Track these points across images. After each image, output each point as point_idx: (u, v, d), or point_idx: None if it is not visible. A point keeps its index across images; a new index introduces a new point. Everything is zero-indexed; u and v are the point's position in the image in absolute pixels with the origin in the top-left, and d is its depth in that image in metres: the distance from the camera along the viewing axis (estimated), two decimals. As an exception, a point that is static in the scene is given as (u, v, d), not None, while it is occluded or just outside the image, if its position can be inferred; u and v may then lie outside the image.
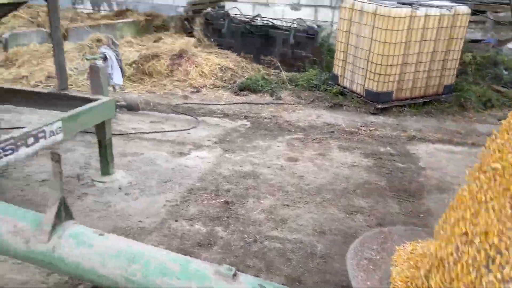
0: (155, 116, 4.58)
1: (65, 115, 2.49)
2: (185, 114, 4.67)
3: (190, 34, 8.45)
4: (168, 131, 4.15)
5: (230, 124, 4.48)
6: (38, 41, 6.35)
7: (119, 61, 3.03)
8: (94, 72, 2.85)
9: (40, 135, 2.32)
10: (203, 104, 5.03)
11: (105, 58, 2.92)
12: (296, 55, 6.35)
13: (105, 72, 2.93)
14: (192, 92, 5.40)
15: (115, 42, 3.00)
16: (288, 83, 5.74)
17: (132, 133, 4.03)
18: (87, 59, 3.52)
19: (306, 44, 6.30)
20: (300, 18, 6.61)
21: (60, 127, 2.44)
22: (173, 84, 5.52)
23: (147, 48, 6.74)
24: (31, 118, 4.02)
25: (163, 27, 9.10)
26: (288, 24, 6.53)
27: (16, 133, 2.17)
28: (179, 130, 4.19)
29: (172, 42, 7.62)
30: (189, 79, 5.63)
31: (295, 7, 6.98)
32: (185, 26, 8.88)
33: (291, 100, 5.32)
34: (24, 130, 2.21)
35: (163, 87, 5.43)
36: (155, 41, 7.98)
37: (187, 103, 5.02)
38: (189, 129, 4.24)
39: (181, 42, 7.51)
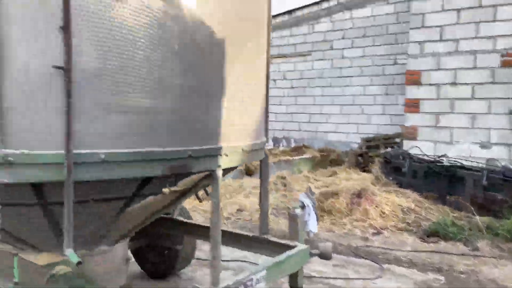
0: (336, 258, 4.46)
1: (270, 263, 2.60)
2: (367, 259, 4.43)
3: (363, 169, 8.57)
4: (352, 279, 3.95)
5: (420, 277, 4.02)
6: (232, 176, 7.30)
7: (315, 209, 3.18)
8: (293, 220, 3.01)
9: (248, 283, 2.44)
10: (386, 248, 4.73)
11: (303, 206, 3.10)
12: (489, 197, 5.66)
13: (303, 220, 3.06)
14: (373, 233, 5.19)
15: (312, 191, 3.20)
16: (485, 230, 5.03)
17: (316, 277, 3.96)
18: (289, 208, 3.83)
19: (501, 186, 5.61)
20: (492, 158, 6.04)
21: (264, 276, 2.54)
22: (352, 224, 5.43)
23: (326, 184, 7.00)
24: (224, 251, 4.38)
25: (336, 162, 9.52)
26: (480, 165, 6.01)
27: (230, 280, 2.34)
28: (364, 279, 3.94)
29: (346, 177, 7.78)
30: (369, 219, 5.48)
31: (485, 145, 6.47)
32: (358, 161, 9.11)
33: (491, 252, 4.57)
34: (237, 278, 2.37)
35: (342, 226, 5.39)
36: (329, 176, 8.30)
37: (368, 246, 4.80)
38: (374, 278, 3.95)
39: (356, 177, 7.61)
